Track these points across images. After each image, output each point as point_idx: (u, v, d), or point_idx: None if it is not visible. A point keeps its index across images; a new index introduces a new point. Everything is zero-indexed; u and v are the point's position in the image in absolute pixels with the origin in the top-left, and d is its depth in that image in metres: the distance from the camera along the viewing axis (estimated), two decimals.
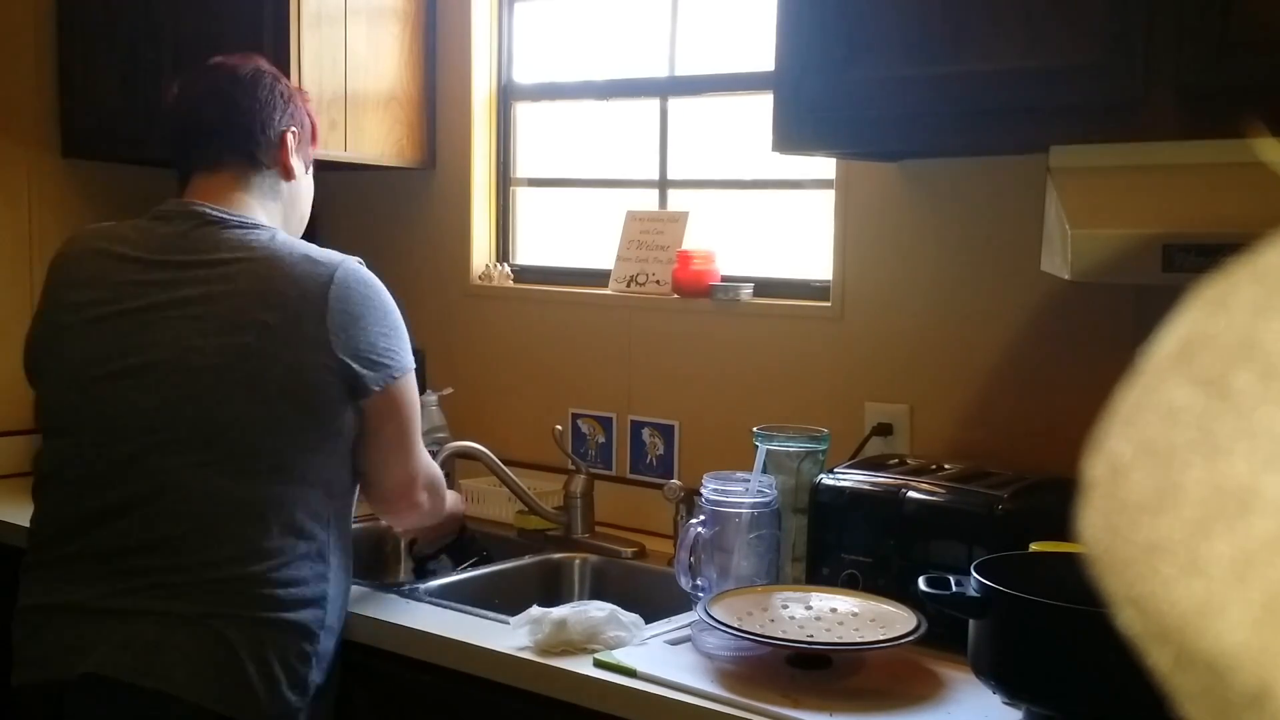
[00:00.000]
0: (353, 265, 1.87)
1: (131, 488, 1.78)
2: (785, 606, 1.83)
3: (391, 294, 1.91)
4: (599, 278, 2.69)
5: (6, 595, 2.12)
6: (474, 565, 2.32)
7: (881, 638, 1.71)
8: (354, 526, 1.99)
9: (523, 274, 2.87)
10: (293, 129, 1.99)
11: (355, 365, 1.81)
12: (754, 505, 1.97)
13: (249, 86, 1.97)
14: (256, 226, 1.90)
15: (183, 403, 1.77)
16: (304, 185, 2.05)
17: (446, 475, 2.60)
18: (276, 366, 1.77)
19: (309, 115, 2.06)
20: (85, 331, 1.84)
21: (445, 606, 2.03)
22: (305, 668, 1.82)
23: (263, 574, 1.77)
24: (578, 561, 2.43)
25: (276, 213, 1.98)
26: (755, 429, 2.10)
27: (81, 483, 1.82)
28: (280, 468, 1.79)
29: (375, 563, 2.54)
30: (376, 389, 1.84)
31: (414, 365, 1.92)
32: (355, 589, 2.08)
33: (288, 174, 1.98)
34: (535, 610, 1.84)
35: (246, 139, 1.94)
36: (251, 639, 1.76)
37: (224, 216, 1.89)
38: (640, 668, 1.72)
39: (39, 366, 1.91)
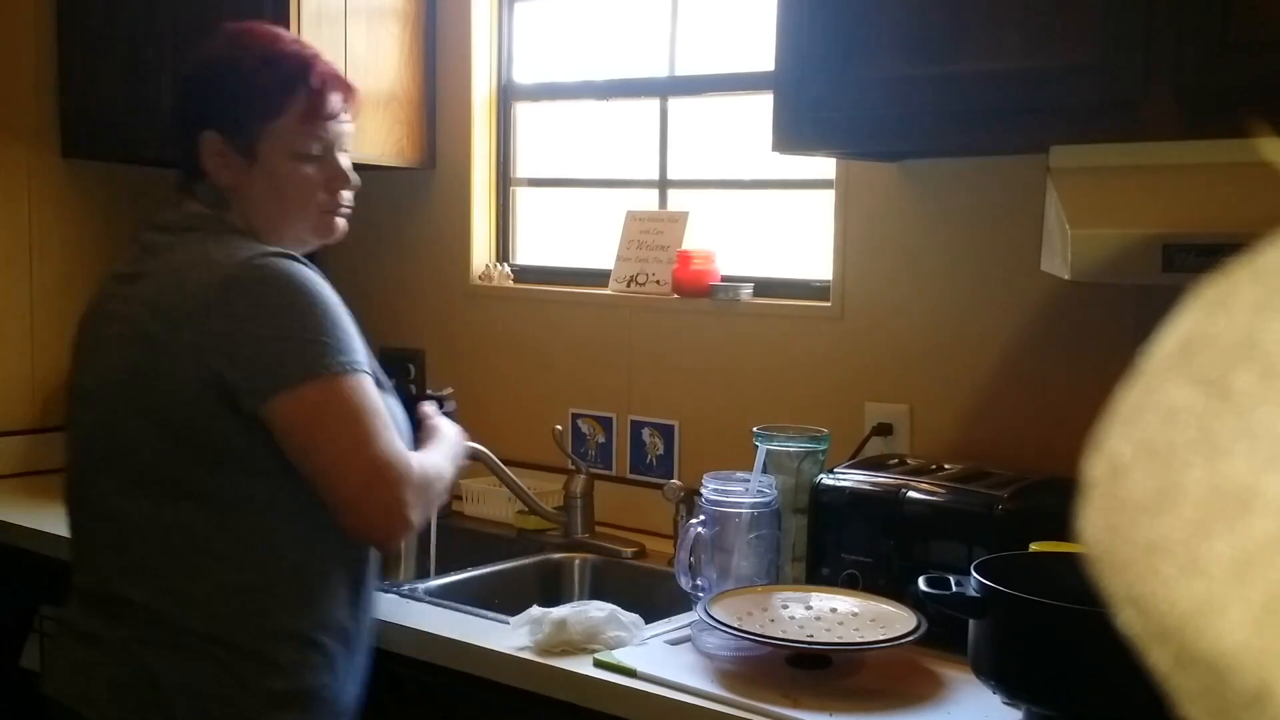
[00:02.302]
0: (256, 262, 1.65)
1: (81, 514, 1.75)
2: (785, 606, 1.83)
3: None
4: (599, 278, 2.69)
5: (6, 594, 2.12)
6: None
7: (881, 638, 1.71)
8: None
9: (523, 274, 2.87)
10: (209, 132, 1.75)
11: (229, 375, 1.60)
12: (754, 505, 1.97)
13: (181, 87, 1.88)
14: (189, 230, 1.73)
15: (96, 427, 1.71)
16: (253, 182, 1.77)
17: None
18: (161, 382, 1.64)
19: (280, 94, 1.77)
20: (76, 352, 1.80)
21: (445, 606, 2.03)
22: (247, 697, 1.66)
23: (175, 601, 1.65)
24: (578, 561, 2.43)
25: (227, 216, 1.77)
26: (755, 429, 2.09)
27: (68, 502, 1.79)
28: (185, 492, 1.65)
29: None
30: (260, 402, 1.60)
31: (338, 369, 1.62)
32: None
33: (214, 179, 1.76)
34: (535, 610, 1.84)
35: (178, 146, 1.81)
36: (172, 667, 1.65)
37: (166, 221, 1.76)
38: (640, 668, 1.72)
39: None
